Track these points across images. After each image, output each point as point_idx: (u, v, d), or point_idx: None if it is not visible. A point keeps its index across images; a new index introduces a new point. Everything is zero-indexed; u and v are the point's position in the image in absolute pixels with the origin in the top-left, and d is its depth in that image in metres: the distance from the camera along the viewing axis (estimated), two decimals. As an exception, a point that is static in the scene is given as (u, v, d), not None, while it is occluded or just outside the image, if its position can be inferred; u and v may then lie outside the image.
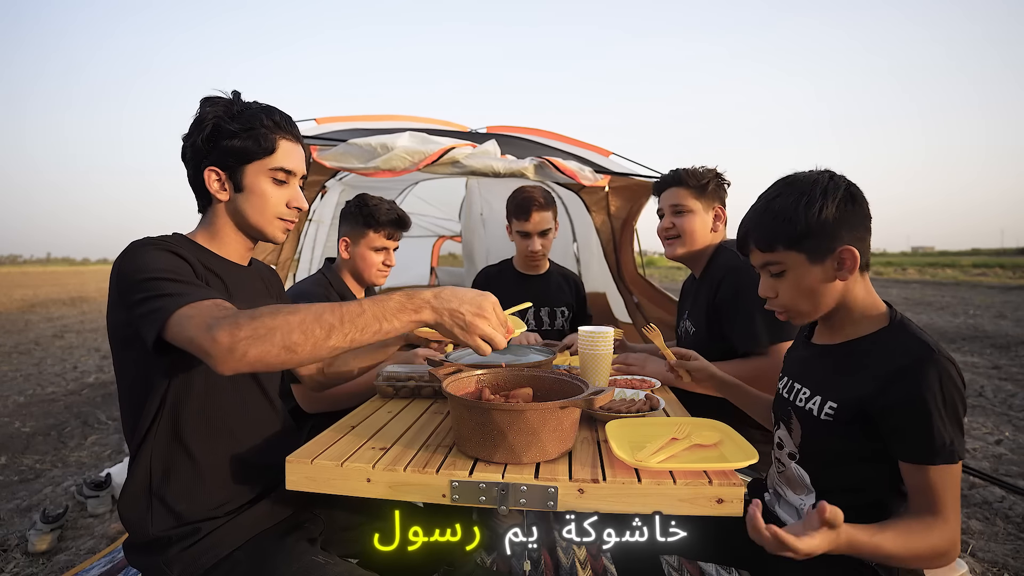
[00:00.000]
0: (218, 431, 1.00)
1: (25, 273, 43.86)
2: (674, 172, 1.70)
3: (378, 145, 2.25)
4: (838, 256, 0.92)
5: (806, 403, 0.98)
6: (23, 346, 6.72)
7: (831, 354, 0.99)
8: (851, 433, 0.91)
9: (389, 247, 1.79)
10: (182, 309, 0.80)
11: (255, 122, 1.01)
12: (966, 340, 6.48)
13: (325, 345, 0.79)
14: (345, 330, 0.80)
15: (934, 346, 0.85)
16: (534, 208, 2.03)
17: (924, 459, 0.83)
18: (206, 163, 1.02)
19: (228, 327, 0.76)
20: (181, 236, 1.04)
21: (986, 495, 2.40)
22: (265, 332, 0.76)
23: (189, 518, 0.94)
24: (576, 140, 3.21)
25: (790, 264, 0.95)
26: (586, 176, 2.70)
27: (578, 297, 2.29)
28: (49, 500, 2.40)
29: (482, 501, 0.85)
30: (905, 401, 0.84)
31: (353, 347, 0.82)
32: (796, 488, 1.01)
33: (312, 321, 0.79)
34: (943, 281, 18.34)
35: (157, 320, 0.81)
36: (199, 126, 1.01)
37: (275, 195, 1.06)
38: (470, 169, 2.42)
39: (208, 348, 0.76)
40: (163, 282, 0.85)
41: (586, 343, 1.32)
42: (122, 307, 0.88)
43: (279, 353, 0.77)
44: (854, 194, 0.92)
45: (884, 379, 0.87)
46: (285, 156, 1.05)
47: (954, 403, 0.83)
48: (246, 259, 1.13)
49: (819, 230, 0.91)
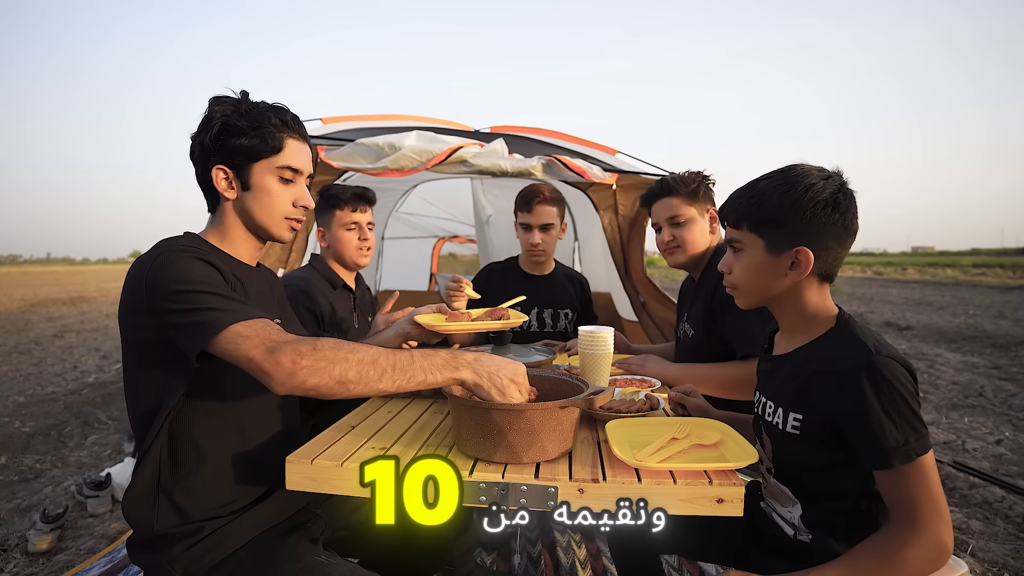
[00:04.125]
0: (229, 429, 1.00)
1: (25, 273, 43.87)
2: (662, 182, 1.67)
3: (386, 145, 2.25)
4: (793, 255, 0.91)
5: (772, 417, 0.98)
6: (23, 346, 6.73)
7: (787, 363, 0.98)
8: (817, 443, 0.90)
9: (360, 221, 1.83)
10: (235, 327, 0.84)
11: (263, 121, 1.02)
12: (966, 340, 6.48)
13: (375, 387, 0.86)
14: (395, 376, 0.88)
15: (872, 346, 0.84)
16: (536, 201, 2.02)
17: (882, 464, 0.81)
18: (214, 161, 1.02)
19: (291, 354, 0.82)
20: (195, 236, 1.05)
21: (986, 495, 2.40)
22: (325, 365, 0.83)
23: (194, 516, 0.95)
24: (582, 139, 3.20)
25: (748, 245, 0.96)
26: (595, 174, 2.69)
27: (583, 298, 2.27)
28: (49, 500, 2.40)
29: (482, 501, 0.85)
30: (850, 410, 0.83)
31: (396, 392, 0.89)
32: (782, 501, 1.00)
33: (368, 363, 0.86)
34: (943, 281, 18.35)
35: (204, 334, 0.84)
36: (207, 125, 1.01)
37: (282, 194, 1.07)
38: (478, 168, 2.42)
39: (270, 370, 0.82)
40: (204, 295, 0.87)
41: (586, 343, 1.32)
42: (148, 313, 0.89)
43: (333, 386, 0.84)
44: (838, 202, 0.89)
45: (830, 387, 0.87)
46: (292, 155, 1.07)
47: (900, 400, 0.81)
48: (255, 260, 1.14)
49: (783, 223, 0.91)
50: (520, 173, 2.49)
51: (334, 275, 1.84)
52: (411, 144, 2.27)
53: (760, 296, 0.98)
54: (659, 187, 1.68)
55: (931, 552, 0.79)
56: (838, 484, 0.91)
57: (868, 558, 0.82)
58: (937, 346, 6.21)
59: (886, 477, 0.83)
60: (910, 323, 7.88)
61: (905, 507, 0.81)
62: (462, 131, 2.90)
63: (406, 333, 1.38)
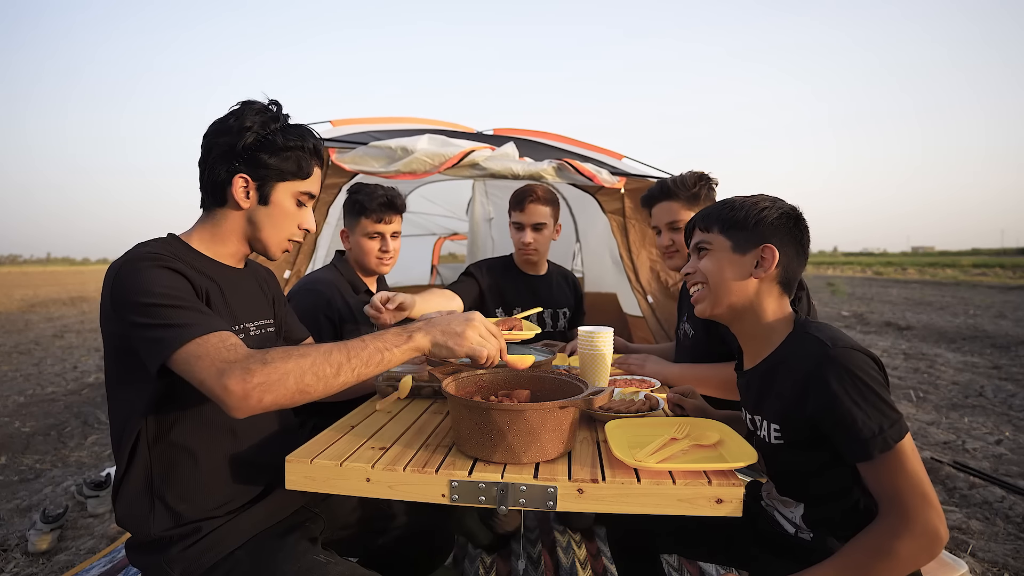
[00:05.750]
0: (219, 431, 1.00)
1: (25, 273, 43.87)
2: (661, 185, 1.66)
3: (398, 148, 2.25)
4: (759, 253, 0.97)
5: (757, 430, 1.00)
6: (23, 346, 6.72)
7: (758, 376, 1.00)
8: (803, 449, 0.91)
9: (384, 232, 1.78)
10: (188, 346, 0.82)
11: (301, 144, 1.04)
12: (966, 340, 6.48)
13: (335, 383, 0.85)
14: (352, 365, 0.86)
15: (829, 341, 0.86)
16: (529, 200, 2.01)
17: (862, 455, 0.82)
18: (239, 168, 1.01)
19: (240, 374, 0.79)
20: (176, 238, 1.04)
21: (986, 495, 2.40)
22: (278, 377, 0.80)
23: (190, 518, 0.94)
24: (588, 144, 3.21)
25: (716, 246, 1.02)
26: (604, 178, 2.71)
27: (576, 296, 2.28)
28: (49, 500, 2.40)
29: (481, 501, 0.85)
30: (821, 408, 0.84)
31: (361, 380, 0.87)
32: (785, 503, 1.02)
33: (322, 362, 0.84)
34: (943, 281, 18.35)
35: (161, 352, 0.82)
36: (241, 132, 1.00)
37: (295, 216, 1.09)
38: (490, 172, 2.42)
39: (221, 396, 0.79)
40: (164, 309, 0.85)
41: (586, 343, 1.32)
42: (117, 321, 0.88)
43: (293, 396, 0.82)
44: (798, 217, 1.00)
45: (799, 390, 0.88)
46: (315, 181, 1.10)
47: (866, 388, 0.82)
48: (241, 261, 1.13)
49: (752, 225, 0.98)
50: (531, 176, 2.49)
51: (357, 279, 1.81)
52: (424, 147, 2.27)
53: (725, 295, 1.00)
54: (659, 190, 1.67)
55: (923, 540, 0.79)
56: (836, 484, 0.91)
57: (861, 552, 0.82)
58: (937, 346, 6.21)
59: (869, 470, 0.83)
60: (910, 323, 7.88)
61: (892, 497, 0.81)
62: (468, 134, 2.91)
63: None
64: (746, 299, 0.99)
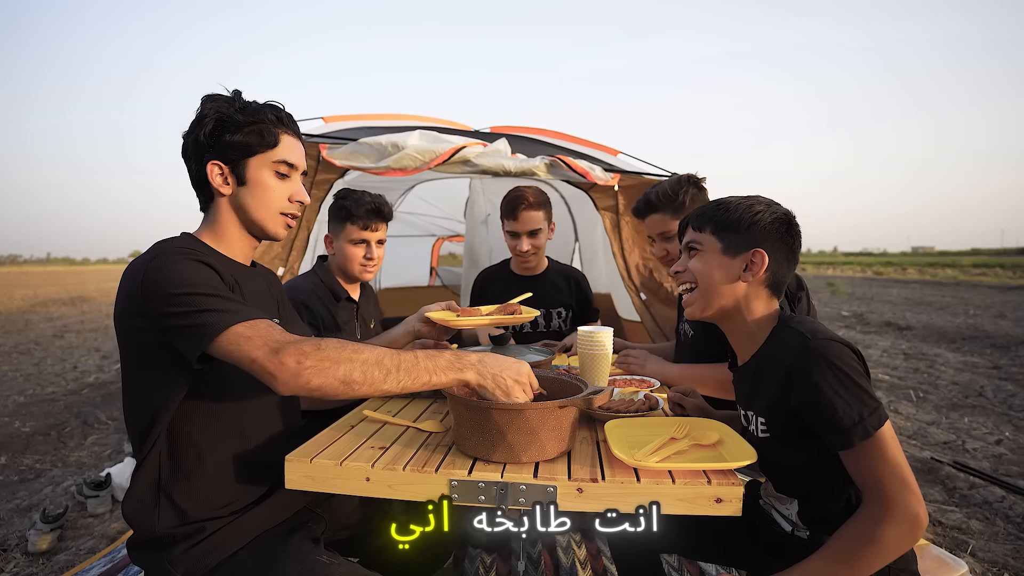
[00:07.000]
0: (229, 430, 1.00)
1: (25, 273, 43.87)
2: (646, 199, 1.65)
3: (389, 144, 2.24)
4: (749, 257, 0.97)
5: (748, 425, 1.01)
6: (23, 346, 6.73)
7: (748, 372, 1.02)
8: (789, 442, 0.93)
9: (370, 239, 1.74)
10: (236, 327, 0.84)
11: (259, 116, 1.03)
12: (966, 340, 6.48)
13: (380, 387, 0.87)
14: (399, 376, 0.88)
15: (809, 333, 0.88)
16: (521, 207, 1.99)
17: (843, 443, 0.83)
18: (209, 157, 1.02)
19: (295, 353, 0.82)
20: (192, 237, 1.05)
21: (986, 495, 2.40)
22: (330, 365, 0.84)
23: (195, 517, 0.95)
24: (583, 140, 3.19)
25: (707, 247, 1.02)
26: (597, 175, 2.69)
27: (579, 295, 2.23)
28: (49, 500, 2.40)
29: (481, 500, 0.85)
30: (803, 399, 0.86)
31: (401, 393, 0.90)
32: (780, 498, 1.03)
33: (373, 364, 0.87)
34: (943, 281, 18.34)
35: (204, 336, 0.84)
36: (201, 122, 1.01)
37: (278, 188, 1.07)
38: (481, 168, 2.40)
39: (274, 370, 0.82)
40: (204, 297, 0.87)
41: (585, 343, 1.32)
42: (145, 316, 0.89)
43: (338, 387, 0.84)
44: (791, 223, 1.00)
45: (782, 383, 0.90)
46: (287, 150, 1.07)
47: (846, 378, 0.83)
48: (249, 259, 1.13)
49: (744, 229, 0.98)
50: (523, 173, 2.48)
51: (338, 286, 1.77)
52: (414, 144, 2.26)
53: (715, 298, 1.01)
54: (644, 204, 1.66)
55: (905, 526, 0.80)
56: (826, 478, 0.92)
57: (847, 541, 0.83)
58: (937, 346, 6.21)
59: (851, 458, 0.85)
60: (910, 323, 7.88)
61: (873, 485, 0.83)
62: (464, 131, 2.90)
63: (415, 330, 1.38)
64: (734, 301, 1.00)
